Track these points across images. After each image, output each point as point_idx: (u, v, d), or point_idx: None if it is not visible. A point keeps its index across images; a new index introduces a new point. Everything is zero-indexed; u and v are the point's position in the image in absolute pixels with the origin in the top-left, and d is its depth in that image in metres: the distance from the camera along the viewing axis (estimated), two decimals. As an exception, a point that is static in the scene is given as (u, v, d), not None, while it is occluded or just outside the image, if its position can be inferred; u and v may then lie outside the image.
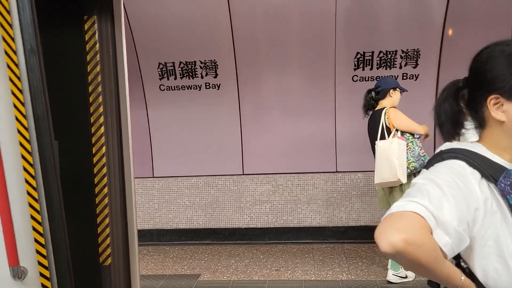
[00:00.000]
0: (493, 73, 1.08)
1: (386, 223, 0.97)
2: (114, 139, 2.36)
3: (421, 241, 0.93)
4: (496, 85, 1.07)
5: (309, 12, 4.61)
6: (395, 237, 0.92)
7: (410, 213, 0.96)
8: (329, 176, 5.16)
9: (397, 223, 0.96)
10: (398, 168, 3.67)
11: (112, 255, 2.37)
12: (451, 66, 4.61)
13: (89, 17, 2.27)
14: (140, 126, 5.17)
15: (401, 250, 0.92)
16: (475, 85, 1.13)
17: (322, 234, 5.20)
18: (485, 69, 1.10)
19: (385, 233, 0.94)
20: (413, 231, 0.94)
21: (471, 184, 1.04)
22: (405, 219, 0.96)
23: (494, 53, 1.09)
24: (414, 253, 0.93)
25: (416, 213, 0.96)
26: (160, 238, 5.46)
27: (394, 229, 0.94)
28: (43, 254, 1.97)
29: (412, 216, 0.96)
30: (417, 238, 0.93)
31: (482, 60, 1.11)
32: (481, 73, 1.11)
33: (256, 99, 5.11)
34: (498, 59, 1.08)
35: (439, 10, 4.46)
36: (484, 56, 1.11)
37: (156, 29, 4.82)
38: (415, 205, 0.97)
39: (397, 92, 3.93)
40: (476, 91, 1.13)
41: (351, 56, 4.79)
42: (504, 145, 1.10)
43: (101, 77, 2.30)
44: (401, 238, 0.92)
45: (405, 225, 0.95)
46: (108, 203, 2.36)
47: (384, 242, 0.94)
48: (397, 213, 0.98)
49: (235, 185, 5.30)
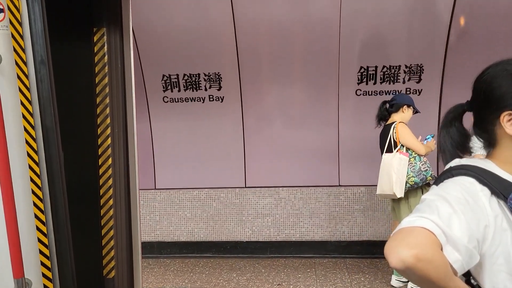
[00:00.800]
0: (501, 91, 1.09)
1: (397, 239, 0.97)
2: (120, 151, 2.36)
3: (431, 257, 0.93)
4: (507, 102, 1.08)
5: (313, 26, 4.64)
6: (405, 252, 0.92)
7: (420, 229, 0.96)
8: (331, 190, 5.14)
9: (408, 238, 0.95)
10: (395, 182, 3.83)
11: (116, 267, 2.35)
12: (454, 81, 4.63)
13: (98, 30, 2.28)
14: (143, 137, 5.17)
15: (411, 266, 0.92)
16: (484, 105, 1.13)
17: (324, 248, 5.17)
18: (492, 88, 1.10)
19: (395, 248, 0.94)
20: (423, 247, 0.93)
21: (481, 201, 1.03)
22: (416, 234, 0.96)
23: (497, 73, 1.10)
24: (424, 269, 0.92)
25: (426, 229, 0.96)
26: (161, 251, 5.42)
27: (404, 245, 0.94)
28: (47, 266, 1.95)
29: (422, 232, 0.96)
30: (427, 254, 0.93)
31: (487, 80, 1.12)
32: (488, 92, 1.11)
33: (259, 112, 5.11)
34: (503, 78, 1.09)
35: (442, 25, 4.49)
36: (488, 76, 1.12)
37: (161, 41, 4.84)
38: (425, 221, 0.97)
39: (410, 109, 4.07)
40: (485, 110, 1.13)
41: (355, 71, 4.80)
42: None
43: (109, 88, 2.31)
44: (412, 254, 0.92)
45: (415, 240, 0.95)
46: (113, 215, 2.35)
47: (394, 257, 0.93)
48: (407, 229, 0.98)
49: (237, 198, 5.28)
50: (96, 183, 2.35)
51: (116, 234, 2.36)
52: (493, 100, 1.11)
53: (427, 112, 4.76)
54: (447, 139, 1.22)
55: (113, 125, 2.33)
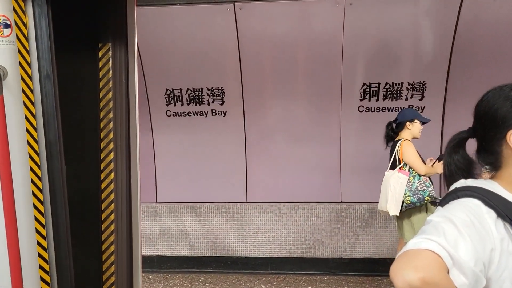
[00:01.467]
0: (503, 111, 1.11)
1: (402, 261, 0.96)
2: (123, 166, 2.36)
3: (438, 281, 0.92)
4: (510, 121, 1.10)
5: (316, 42, 4.68)
6: (411, 275, 0.91)
7: (427, 252, 0.96)
8: (333, 206, 5.12)
9: (414, 261, 0.95)
10: (390, 200, 3.85)
11: (116, 283, 2.33)
12: (457, 98, 4.64)
13: (103, 45, 2.30)
14: (145, 150, 5.17)
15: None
16: (488, 127, 1.15)
17: (325, 265, 5.12)
18: (494, 109, 1.13)
19: (401, 270, 0.93)
20: (430, 270, 0.92)
21: (487, 223, 1.03)
22: (422, 257, 0.95)
23: (495, 95, 1.14)
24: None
25: (433, 252, 0.95)
26: (161, 265, 5.38)
27: (411, 267, 0.93)
28: (47, 282, 1.94)
29: (429, 255, 0.95)
30: (434, 277, 0.92)
31: (488, 104, 1.15)
32: (491, 113, 1.14)
33: (261, 127, 5.12)
34: (504, 99, 1.12)
35: (445, 43, 4.51)
36: (488, 100, 1.15)
37: (165, 55, 4.88)
38: (432, 244, 0.97)
39: (415, 123, 4.04)
40: (490, 132, 1.15)
41: (358, 87, 4.82)
42: None
43: (113, 103, 2.32)
44: (419, 277, 0.91)
45: (422, 263, 0.94)
46: (114, 230, 2.34)
47: (400, 280, 0.92)
48: (414, 251, 0.97)
49: (239, 213, 5.26)
50: (97, 197, 2.34)
51: (117, 249, 2.34)
52: (497, 120, 1.12)
53: (430, 129, 4.75)
54: (451, 166, 1.22)
55: (116, 139, 2.33)
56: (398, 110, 4.80)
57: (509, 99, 1.12)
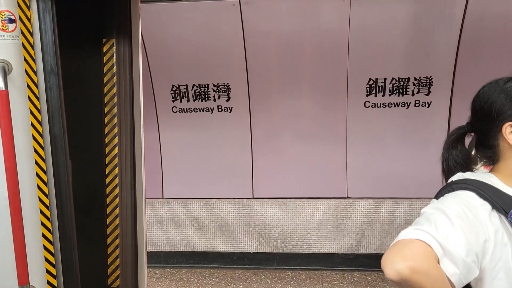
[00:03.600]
0: (498, 104, 1.13)
1: (393, 251, 0.98)
2: (127, 161, 2.38)
3: (427, 270, 0.93)
4: (506, 113, 1.12)
5: (322, 38, 4.66)
6: (401, 264, 0.93)
7: (417, 241, 0.97)
8: (339, 202, 5.11)
9: (404, 250, 0.96)
10: None
11: (120, 277, 2.36)
12: (463, 93, 4.61)
13: (107, 40, 2.32)
14: (151, 147, 5.20)
15: (407, 278, 0.93)
16: (485, 120, 1.17)
17: (331, 261, 5.12)
18: (490, 103, 1.15)
19: (391, 259, 0.95)
20: (419, 259, 0.94)
21: (481, 215, 1.04)
22: (412, 247, 0.97)
23: (491, 89, 1.16)
24: (420, 281, 0.93)
25: (423, 242, 0.97)
26: (168, 261, 5.42)
27: (400, 257, 0.95)
28: (52, 274, 1.96)
29: (419, 244, 0.97)
30: (423, 266, 0.93)
31: (484, 98, 1.17)
32: (487, 107, 1.15)
33: (267, 122, 5.12)
34: (499, 92, 1.14)
35: (452, 37, 4.48)
36: (484, 94, 1.17)
37: (171, 52, 4.89)
38: (422, 233, 0.98)
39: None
40: (487, 125, 1.16)
41: (364, 82, 4.80)
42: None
43: (117, 98, 2.33)
44: (407, 265, 0.92)
45: (411, 253, 0.95)
46: (119, 224, 2.36)
47: (389, 269, 0.94)
48: (404, 241, 0.99)
49: (245, 209, 5.27)
50: (102, 192, 2.36)
51: (122, 243, 2.37)
52: (492, 113, 1.14)
53: (436, 124, 4.74)
54: (450, 161, 1.24)
55: (120, 134, 2.35)
56: (404, 105, 4.78)
57: (504, 92, 1.14)
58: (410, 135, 4.90)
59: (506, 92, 1.13)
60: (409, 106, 4.79)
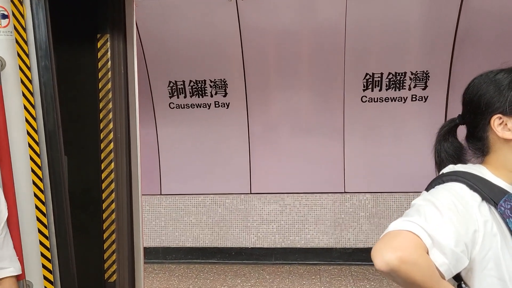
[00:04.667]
0: (486, 97, 1.14)
1: (382, 242, 0.99)
2: (123, 156, 2.38)
3: (415, 260, 0.94)
4: (494, 105, 1.12)
5: (318, 33, 4.66)
6: (390, 255, 0.94)
7: (406, 232, 0.98)
8: (337, 196, 5.12)
9: (393, 241, 0.97)
10: None
11: (117, 271, 2.37)
12: (460, 88, 4.55)
13: (102, 36, 2.32)
14: (149, 143, 5.21)
15: (396, 268, 0.94)
16: (474, 113, 1.17)
17: (329, 255, 5.14)
18: (479, 95, 1.15)
19: (380, 251, 0.96)
20: (408, 250, 0.95)
21: (470, 206, 1.05)
22: (401, 237, 0.98)
23: (481, 81, 1.16)
24: (409, 272, 0.94)
25: (412, 232, 0.98)
26: (166, 256, 5.43)
27: (389, 247, 0.96)
28: (49, 269, 1.97)
29: (407, 235, 0.98)
30: (412, 256, 0.94)
31: (474, 90, 1.17)
32: (476, 99, 1.16)
33: (264, 118, 5.13)
34: (488, 84, 1.14)
35: (448, 32, 4.48)
36: (474, 86, 1.18)
37: (168, 48, 4.89)
38: (411, 225, 0.99)
39: None
40: (476, 117, 1.17)
41: (360, 77, 4.80)
42: (509, 166, 1.12)
43: (112, 94, 2.34)
44: (396, 256, 0.93)
45: (400, 243, 0.96)
46: (115, 219, 2.37)
47: (379, 259, 0.95)
48: (393, 232, 1.00)
49: (243, 204, 5.28)
50: (98, 187, 2.37)
51: (118, 238, 2.37)
52: (481, 105, 1.14)
53: (433, 118, 4.74)
54: (442, 153, 1.25)
55: (115, 130, 2.35)
56: (401, 100, 4.78)
57: (493, 84, 1.14)
58: (407, 129, 4.92)
59: (495, 84, 1.13)
60: (406, 100, 4.80)
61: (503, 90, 1.12)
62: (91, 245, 2.37)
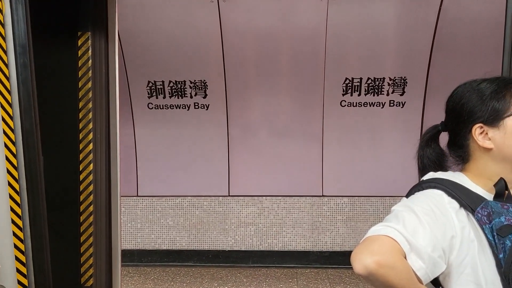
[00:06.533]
0: (469, 105, 1.16)
1: (361, 246, 1.01)
2: (102, 157, 2.33)
3: (393, 264, 0.96)
4: (476, 115, 1.15)
5: (299, 37, 4.68)
6: (368, 259, 0.96)
7: (384, 237, 1.00)
8: (315, 200, 5.15)
9: (371, 246, 0.99)
10: None
11: (94, 275, 2.31)
12: (436, 94, 4.70)
13: (83, 33, 2.26)
14: (126, 143, 5.11)
15: (374, 272, 0.95)
16: (456, 121, 1.20)
17: (306, 258, 5.16)
18: (461, 104, 1.18)
19: (359, 255, 0.98)
20: (385, 254, 0.97)
21: (448, 212, 1.07)
22: (379, 242, 1.00)
23: (464, 90, 1.18)
24: (386, 275, 0.96)
25: (390, 237, 1.00)
26: (142, 259, 5.35)
27: (367, 252, 0.98)
28: (23, 273, 1.91)
29: (385, 240, 1.00)
30: (389, 260, 0.96)
31: (457, 98, 1.20)
32: (459, 108, 1.18)
33: (244, 120, 5.11)
34: (471, 93, 1.16)
35: (425, 39, 4.57)
36: (457, 94, 1.20)
37: (147, 47, 4.82)
38: (389, 230, 1.01)
39: None
40: (458, 125, 1.19)
41: (340, 82, 4.85)
42: (490, 173, 1.14)
43: (92, 93, 2.28)
44: (374, 260, 0.95)
45: (378, 248, 0.98)
46: (93, 222, 2.31)
47: (357, 263, 0.97)
48: (372, 237, 1.02)
49: (221, 207, 5.25)
50: (76, 188, 2.31)
51: (96, 241, 2.32)
52: (463, 114, 1.17)
53: (410, 124, 4.82)
54: (424, 159, 1.27)
55: (95, 130, 2.30)
56: (379, 105, 4.85)
57: (475, 93, 1.16)
58: (385, 134, 4.99)
59: (478, 93, 1.16)
60: (384, 105, 4.87)
61: (485, 99, 1.15)
62: (68, 248, 2.30)
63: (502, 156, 1.13)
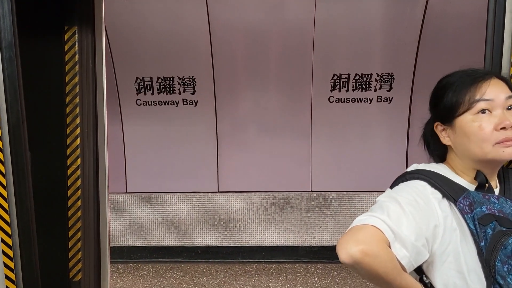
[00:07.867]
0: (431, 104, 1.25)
1: (346, 236, 1.03)
2: (90, 152, 2.32)
3: (377, 253, 0.99)
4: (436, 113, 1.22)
5: (287, 32, 4.70)
6: (353, 248, 0.98)
7: (369, 226, 1.03)
8: (303, 195, 5.18)
9: (356, 235, 1.02)
10: None
11: (82, 270, 2.31)
12: (423, 90, 4.73)
13: (69, 28, 2.25)
14: (114, 140, 5.09)
15: (359, 261, 0.98)
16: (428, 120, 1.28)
17: (295, 253, 5.19)
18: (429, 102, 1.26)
19: (344, 244, 1.00)
20: (370, 243, 0.99)
21: (431, 202, 1.10)
22: (364, 231, 1.02)
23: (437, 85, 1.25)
24: (371, 264, 0.98)
25: (374, 227, 1.02)
26: (131, 255, 5.34)
27: (352, 241, 1.00)
28: (11, 268, 1.90)
29: (370, 229, 1.02)
30: (374, 249, 0.99)
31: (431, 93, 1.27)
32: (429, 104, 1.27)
33: (233, 117, 5.12)
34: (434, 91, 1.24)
35: (412, 35, 4.61)
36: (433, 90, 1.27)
37: (135, 43, 4.80)
38: (374, 219, 1.04)
39: None
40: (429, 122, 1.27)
41: (328, 78, 4.88)
42: (460, 167, 1.19)
43: (79, 88, 2.27)
44: (359, 249, 0.98)
45: (363, 237, 1.01)
46: (81, 216, 2.31)
47: (343, 253, 0.99)
48: (357, 226, 1.04)
49: (210, 203, 5.26)
50: (64, 183, 2.30)
51: (84, 236, 2.31)
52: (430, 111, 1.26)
53: (397, 119, 4.88)
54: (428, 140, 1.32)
55: (82, 125, 2.29)
56: (367, 101, 4.89)
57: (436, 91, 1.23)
58: (372, 130, 5.04)
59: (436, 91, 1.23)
60: (372, 101, 4.91)
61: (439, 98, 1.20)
62: (56, 243, 2.30)
63: (460, 153, 1.17)
